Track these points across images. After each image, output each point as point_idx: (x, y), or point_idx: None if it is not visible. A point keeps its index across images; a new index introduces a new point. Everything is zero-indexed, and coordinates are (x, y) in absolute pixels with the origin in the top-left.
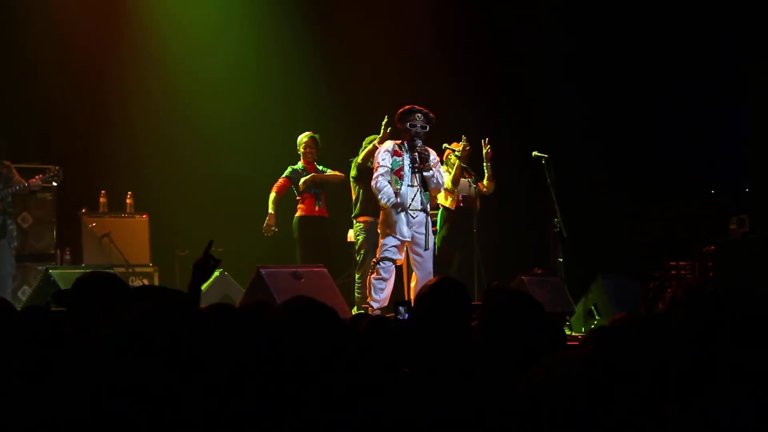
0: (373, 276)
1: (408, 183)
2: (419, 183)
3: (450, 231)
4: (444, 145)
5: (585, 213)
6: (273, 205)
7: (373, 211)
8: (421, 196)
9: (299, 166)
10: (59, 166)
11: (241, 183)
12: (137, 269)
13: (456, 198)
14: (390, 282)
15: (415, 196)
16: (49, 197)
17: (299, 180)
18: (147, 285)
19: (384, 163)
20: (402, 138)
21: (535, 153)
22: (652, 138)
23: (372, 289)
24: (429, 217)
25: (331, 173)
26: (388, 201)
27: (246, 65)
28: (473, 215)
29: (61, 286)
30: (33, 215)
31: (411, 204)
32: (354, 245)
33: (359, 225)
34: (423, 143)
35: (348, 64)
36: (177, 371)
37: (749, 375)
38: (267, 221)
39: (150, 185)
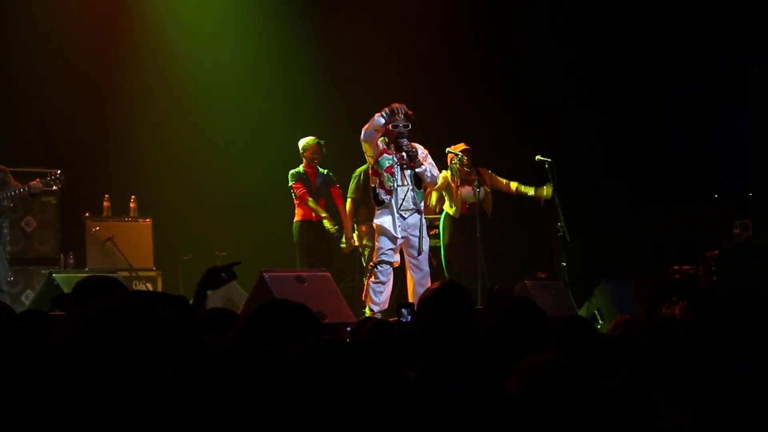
0: (372, 280)
1: (399, 183)
2: (410, 182)
3: (453, 238)
4: (447, 150)
5: (588, 217)
6: (321, 209)
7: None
8: (413, 194)
9: (300, 169)
10: (63, 170)
11: (245, 187)
12: (141, 273)
13: (461, 206)
14: (389, 285)
15: (406, 195)
16: (53, 201)
17: (304, 183)
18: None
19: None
20: (387, 138)
21: (539, 157)
22: (655, 142)
23: (371, 293)
24: (423, 217)
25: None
26: (371, 123)
27: (249, 69)
28: (476, 221)
29: (65, 290)
30: (37, 219)
31: (402, 204)
32: (359, 248)
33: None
34: (408, 141)
35: (352, 67)
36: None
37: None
38: (327, 225)
39: (154, 189)
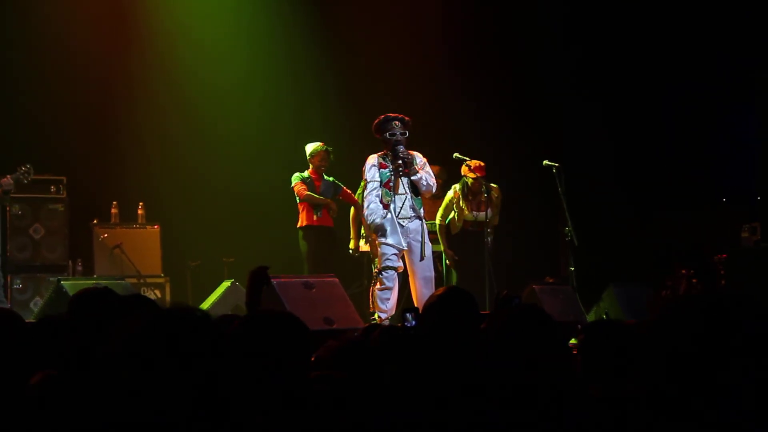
0: (377, 287)
1: (396, 191)
2: (408, 189)
3: (452, 246)
4: (455, 155)
5: (596, 222)
6: (317, 196)
7: None
8: (412, 201)
9: (305, 174)
10: (70, 177)
11: (253, 194)
12: (149, 280)
13: (463, 224)
14: (394, 291)
15: (404, 203)
16: (61, 208)
17: (308, 188)
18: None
19: (373, 178)
20: (383, 148)
21: (546, 162)
22: (663, 146)
23: (378, 300)
24: (424, 223)
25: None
26: (370, 219)
27: (256, 76)
28: (484, 233)
29: None
30: (45, 226)
31: (401, 212)
32: (367, 254)
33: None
34: (405, 148)
35: (359, 74)
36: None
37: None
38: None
39: (161, 196)
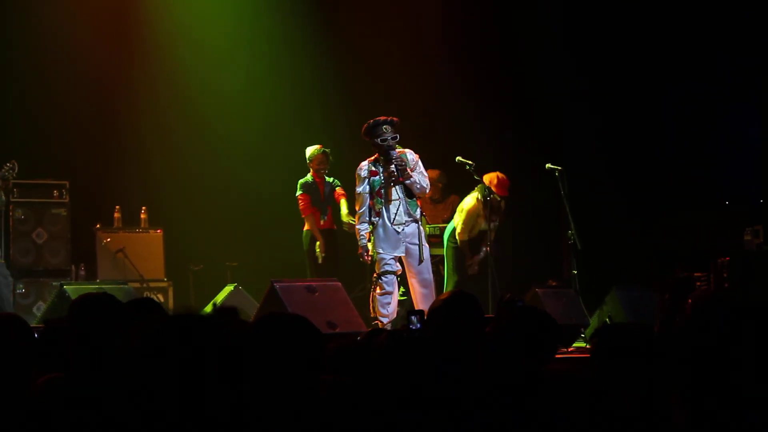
0: (377, 292)
1: (387, 198)
2: (401, 194)
3: (457, 254)
4: (457, 159)
5: (599, 225)
6: (317, 230)
7: None
8: (407, 206)
9: (309, 178)
10: (73, 181)
11: (256, 197)
12: (152, 284)
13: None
14: (395, 295)
15: (398, 209)
16: (64, 213)
17: (313, 194)
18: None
19: (364, 191)
20: (375, 152)
21: (549, 165)
22: (666, 148)
23: (378, 305)
24: (420, 226)
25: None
26: (359, 240)
27: (259, 80)
28: (487, 238)
29: None
30: (48, 231)
31: (395, 219)
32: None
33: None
34: (395, 149)
35: (361, 77)
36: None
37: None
38: (318, 248)
39: (164, 200)
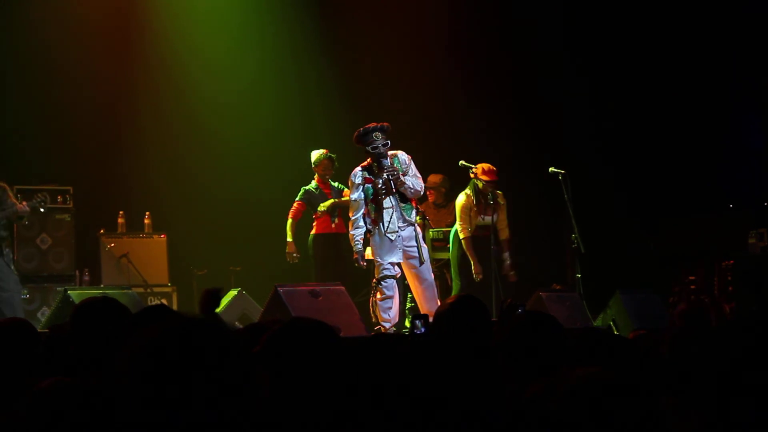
0: (378, 297)
1: (380, 207)
2: (394, 202)
3: (462, 258)
4: (461, 162)
5: (602, 228)
6: (291, 233)
7: None
8: (401, 212)
9: (313, 185)
10: (76, 187)
11: (259, 202)
12: (156, 289)
13: (471, 230)
14: (395, 299)
15: (391, 217)
16: (68, 218)
17: (315, 201)
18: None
19: (359, 198)
20: (367, 159)
21: (552, 169)
22: (670, 152)
23: (380, 310)
24: (417, 229)
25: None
26: (354, 246)
27: (262, 85)
28: (490, 240)
29: None
30: (52, 236)
31: (389, 227)
32: (373, 262)
33: None
34: (390, 163)
35: (365, 83)
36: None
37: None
38: (287, 250)
39: (168, 206)
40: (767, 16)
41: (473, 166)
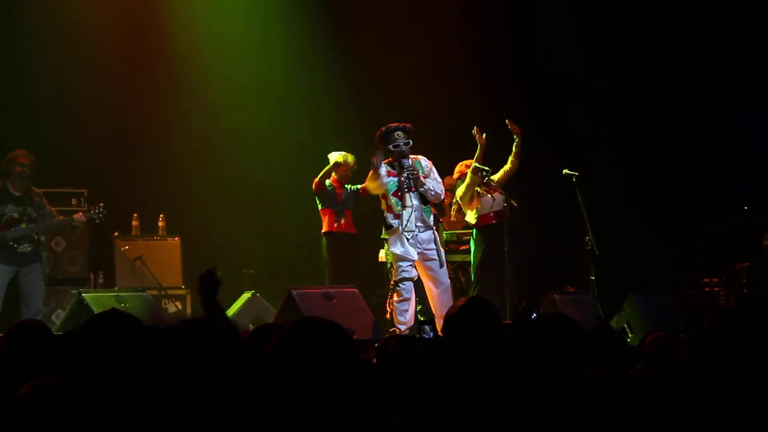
0: (395, 299)
1: (402, 205)
2: (415, 202)
3: (486, 252)
4: (474, 165)
5: (616, 231)
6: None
7: None
8: (421, 213)
9: (327, 183)
10: (91, 189)
11: (274, 206)
12: (170, 292)
13: (485, 215)
14: (412, 301)
15: (410, 217)
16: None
17: (325, 198)
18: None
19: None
20: (389, 157)
21: (566, 171)
22: (683, 153)
23: (396, 313)
24: (436, 233)
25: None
26: (377, 181)
27: (275, 85)
28: (504, 232)
29: (95, 309)
30: (66, 239)
31: (407, 225)
32: (385, 265)
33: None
34: (410, 162)
35: (376, 83)
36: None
37: None
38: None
39: (182, 208)
40: None
41: (486, 168)
